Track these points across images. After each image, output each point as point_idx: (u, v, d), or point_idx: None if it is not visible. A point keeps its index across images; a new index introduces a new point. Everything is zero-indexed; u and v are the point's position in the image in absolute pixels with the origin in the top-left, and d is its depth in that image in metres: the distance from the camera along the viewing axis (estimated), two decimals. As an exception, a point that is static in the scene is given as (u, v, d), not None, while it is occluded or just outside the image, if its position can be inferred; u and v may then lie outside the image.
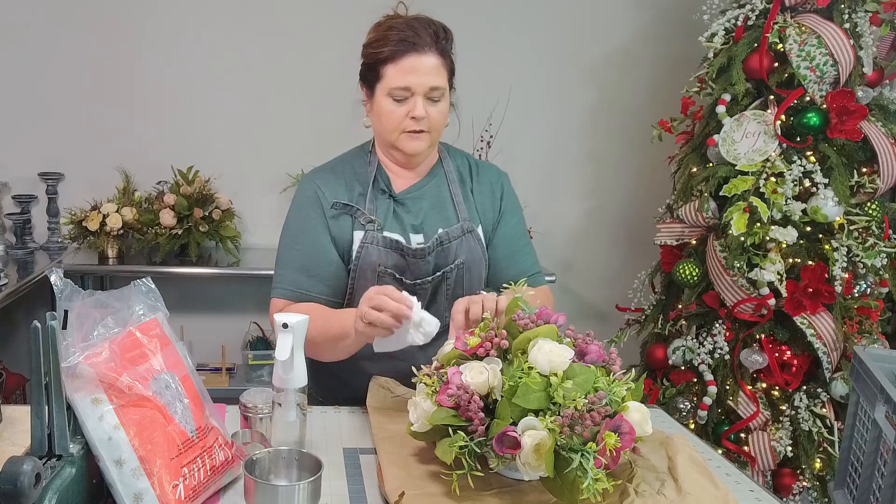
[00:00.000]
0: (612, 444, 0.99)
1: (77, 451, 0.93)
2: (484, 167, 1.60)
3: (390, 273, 1.44)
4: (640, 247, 3.09)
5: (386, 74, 1.39)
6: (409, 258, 1.45)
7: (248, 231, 3.03)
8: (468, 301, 1.25)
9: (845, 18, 2.22)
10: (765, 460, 2.28)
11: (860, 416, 1.78)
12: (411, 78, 1.37)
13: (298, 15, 2.95)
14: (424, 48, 1.37)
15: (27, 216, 2.84)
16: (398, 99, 1.39)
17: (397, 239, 1.45)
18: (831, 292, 2.19)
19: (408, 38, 1.37)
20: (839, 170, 2.21)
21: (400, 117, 1.40)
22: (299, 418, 1.17)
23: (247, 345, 2.94)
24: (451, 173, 1.54)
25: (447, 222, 1.49)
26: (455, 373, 1.10)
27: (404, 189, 1.50)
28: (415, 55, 1.37)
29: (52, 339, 0.89)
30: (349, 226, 1.46)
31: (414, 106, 1.38)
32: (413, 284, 1.46)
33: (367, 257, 1.44)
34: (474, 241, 1.50)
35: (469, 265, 1.49)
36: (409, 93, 1.38)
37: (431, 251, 1.46)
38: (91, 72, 2.87)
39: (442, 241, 1.47)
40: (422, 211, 1.49)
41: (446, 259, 1.47)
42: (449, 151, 1.58)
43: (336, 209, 1.46)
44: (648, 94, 3.18)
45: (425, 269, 1.46)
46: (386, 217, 1.47)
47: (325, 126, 2.90)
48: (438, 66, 1.39)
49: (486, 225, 1.54)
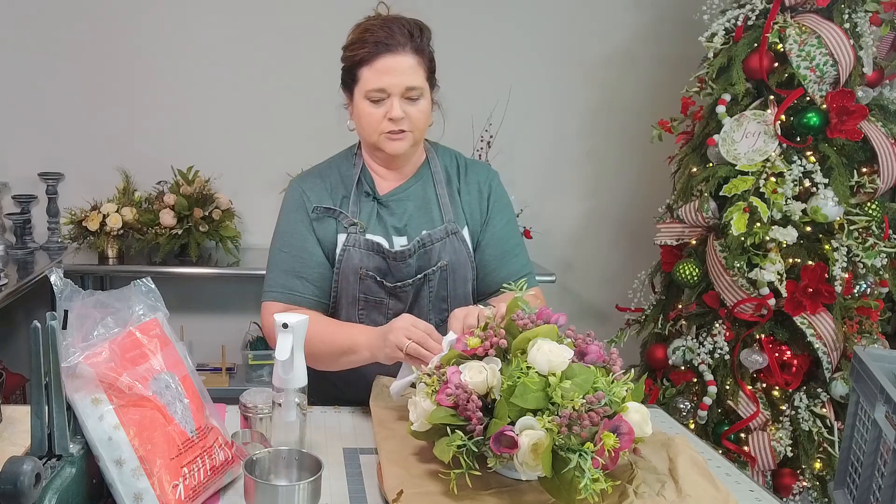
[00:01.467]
0: (610, 445, 0.99)
1: (77, 451, 0.93)
2: (473, 166, 1.57)
3: (371, 276, 1.44)
4: (640, 247, 3.09)
5: (362, 77, 1.38)
6: (391, 261, 1.44)
7: (248, 231, 3.03)
8: (466, 311, 1.27)
9: (845, 18, 2.22)
10: (765, 460, 2.28)
11: (860, 416, 1.78)
12: (386, 79, 1.36)
13: (299, 15, 2.95)
14: (398, 48, 1.36)
15: (27, 216, 2.85)
16: (375, 100, 1.38)
17: (379, 241, 1.44)
18: (831, 292, 2.19)
19: (381, 40, 1.36)
20: (839, 170, 2.21)
21: (378, 119, 1.39)
22: (299, 418, 1.17)
23: (247, 345, 2.94)
24: (438, 174, 1.52)
25: (431, 224, 1.48)
26: (454, 372, 1.10)
27: (389, 191, 1.50)
28: (389, 56, 1.36)
29: (52, 339, 0.89)
30: (333, 228, 1.46)
31: (391, 107, 1.38)
32: (394, 287, 1.45)
33: (350, 260, 1.44)
34: (459, 243, 1.48)
35: (453, 267, 1.47)
36: (385, 94, 1.37)
37: (413, 253, 1.45)
38: (91, 72, 2.87)
39: (424, 242, 1.45)
40: (406, 213, 1.48)
41: (429, 261, 1.46)
42: (437, 151, 1.56)
43: (318, 213, 1.46)
44: (648, 94, 3.18)
45: (407, 271, 1.45)
46: (369, 219, 1.46)
47: (325, 126, 2.87)
48: (414, 65, 1.38)
49: (473, 226, 1.52)
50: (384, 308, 1.46)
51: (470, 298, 1.52)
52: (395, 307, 1.47)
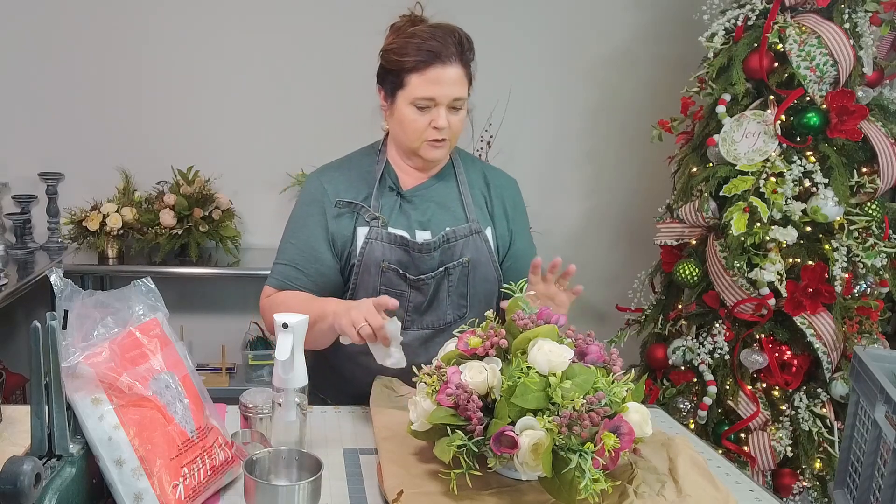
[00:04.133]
0: (610, 445, 0.99)
1: (77, 451, 0.93)
2: (495, 177, 1.61)
3: (394, 269, 1.45)
4: (640, 247, 3.09)
5: (410, 83, 1.39)
6: (414, 253, 1.45)
7: (248, 231, 3.03)
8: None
9: (845, 18, 2.22)
10: (765, 460, 2.28)
11: (860, 416, 1.78)
12: (436, 89, 1.38)
13: (299, 15, 2.95)
14: (449, 59, 1.38)
15: (27, 216, 2.85)
16: (421, 107, 1.40)
17: (402, 234, 1.46)
18: (831, 292, 2.19)
19: (433, 49, 1.37)
20: (839, 170, 2.21)
21: (423, 126, 1.41)
22: (299, 418, 1.17)
23: (247, 345, 2.94)
24: (462, 175, 1.55)
25: (455, 221, 1.50)
26: (454, 372, 1.10)
27: (412, 187, 1.52)
28: (440, 66, 1.37)
29: (52, 339, 0.89)
30: (351, 223, 1.47)
31: (437, 116, 1.40)
32: (416, 280, 1.46)
33: (371, 253, 1.45)
34: (482, 242, 1.51)
35: (475, 264, 1.49)
36: (432, 103, 1.39)
37: (437, 247, 1.46)
38: (91, 72, 2.87)
39: (448, 238, 1.47)
40: (429, 209, 1.50)
41: (451, 256, 1.48)
42: (461, 157, 1.59)
43: (339, 207, 1.47)
44: (648, 94, 3.18)
45: (430, 264, 1.47)
46: (391, 213, 1.48)
47: (326, 126, 2.91)
48: (461, 76, 1.40)
49: (499, 232, 1.56)
50: (404, 300, 1.47)
51: (493, 300, 1.54)
52: (416, 299, 1.48)
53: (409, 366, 1.26)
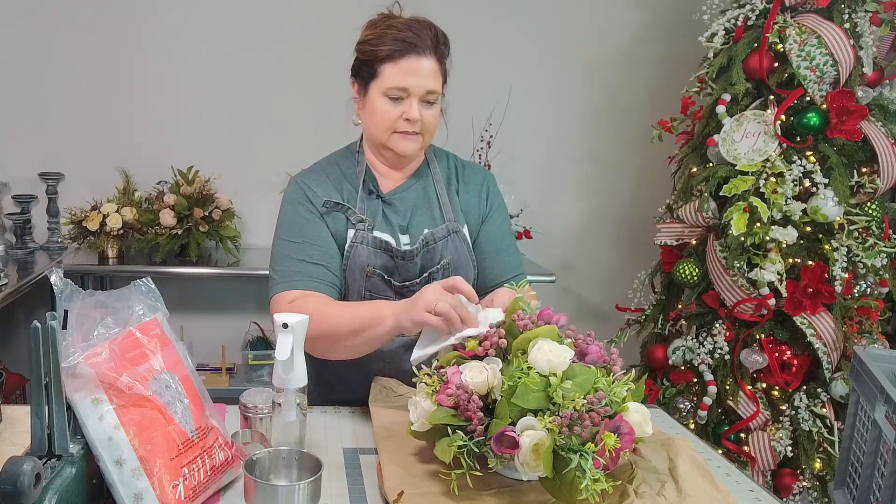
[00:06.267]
0: (611, 445, 0.99)
1: (77, 451, 0.93)
2: (469, 168, 1.60)
3: (379, 274, 1.44)
4: (640, 247, 3.09)
5: (383, 73, 1.38)
6: (398, 259, 1.44)
7: (248, 231, 3.03)
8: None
9: (845, 18, 2.22)
10: (765, 460, 2.28)
11: (860, 416, 1.78)
12: (409, 79, 1.37)
13: (298, 15, 2.95)
14: (424, 50, 1.38)
15: (27, 216, 2.85)
16: (394, 98, 1.39)
17: (387, 240, 1.44)
18: (831, 292, 2.19)
19: (408, 39, 1.37)
20: (839, 170, 2.21)
21: (394, 117, 1.40)
22: (299, 418, 1.17)
23: (247, 345, 2.94)
24: (437, 174, 1.54)
25: (433, 223, 1.49)
26: (455, 372, 1.10)
27: (391, 189, 1.50)
28: (414, 57, 1.37)
29: (52, 339, 0.89)
30: (343, 223, 1.46)
31: (409, 107, 1.38)
32: (401, 286, 1.45)
33: (357, 257, 1.43)
34: (460, 241, 1.49)
35: (455, 265, 1.48)
36: (405, 94, 1.38)
37: (418, 253, 1.45)
38: (91, 72, 2.87)
39: (428, 241, 1.46)
40: (408, 211, 1.49)
41: (432, 260, 1.47)
42: (435, 153, 1.58)
43: (328, 207, 1.45)
44: (648, 94, 3.18)
45: (413, 270, 1.46)
46: (376, 217, 1.46)
47: (326, 126, 2.88)
48: (436, 70, 1.40)
49: (472, 225, 1.54)
50: None
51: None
52: None
53: (401, 369, 1.25)
